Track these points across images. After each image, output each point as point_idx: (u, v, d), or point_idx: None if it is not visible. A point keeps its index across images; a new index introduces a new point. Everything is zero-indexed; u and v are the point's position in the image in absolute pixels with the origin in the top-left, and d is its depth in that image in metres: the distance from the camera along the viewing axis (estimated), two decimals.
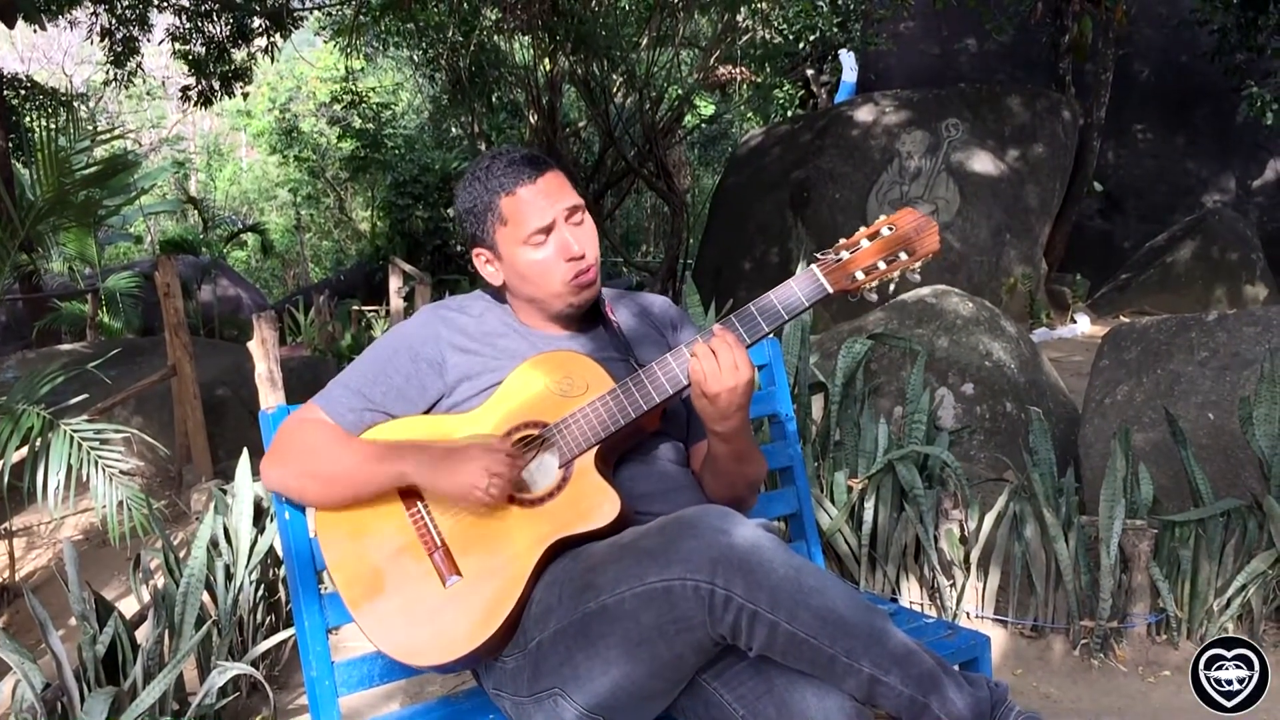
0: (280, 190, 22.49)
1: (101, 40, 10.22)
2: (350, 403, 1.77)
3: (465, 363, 1.79)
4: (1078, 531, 2.97)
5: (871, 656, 1.36)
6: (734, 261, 9.70)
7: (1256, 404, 3.00)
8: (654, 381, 1.67)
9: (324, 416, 1.77)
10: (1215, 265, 8.77)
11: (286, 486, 1.76)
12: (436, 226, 15.26)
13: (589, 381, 1.73)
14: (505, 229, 1.77)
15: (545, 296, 1.81)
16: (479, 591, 1.61)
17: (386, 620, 1.63)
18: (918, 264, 1.63)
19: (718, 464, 1.76)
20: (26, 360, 6.08)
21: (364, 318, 12.13)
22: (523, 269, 1.78)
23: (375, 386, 1.78)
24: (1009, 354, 4.11)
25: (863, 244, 1.64)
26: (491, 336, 1.83)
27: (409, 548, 1.66)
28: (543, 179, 1.77)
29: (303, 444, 1.75)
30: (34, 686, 2.32)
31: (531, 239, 1.76)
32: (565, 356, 1.77)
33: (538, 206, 1.75)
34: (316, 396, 1.80)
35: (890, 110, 9.21)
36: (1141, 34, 11.10)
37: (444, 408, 1.80)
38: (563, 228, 1.77)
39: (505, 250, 1.79)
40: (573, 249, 1.76)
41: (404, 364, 1.79)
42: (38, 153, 4.18)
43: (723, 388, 1.57)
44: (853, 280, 1.62)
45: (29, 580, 4.48)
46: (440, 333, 1.82)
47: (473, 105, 11.86)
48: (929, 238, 1.63)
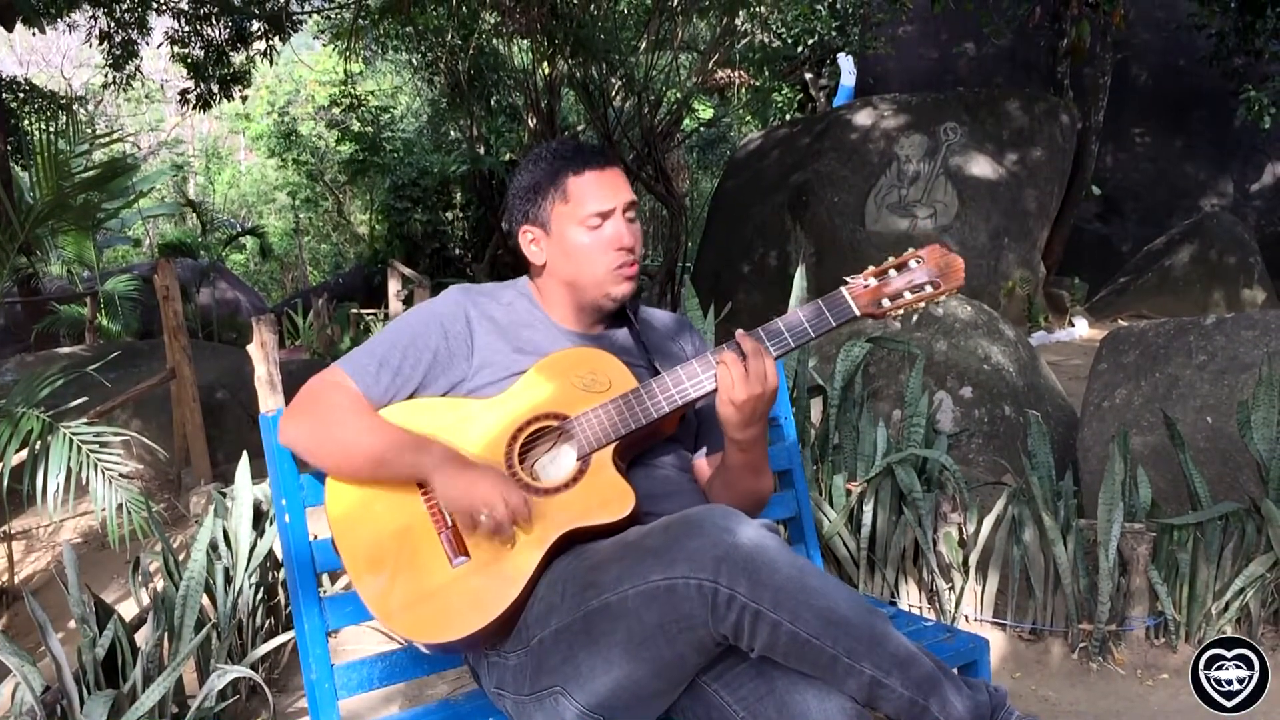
0: (279, 193, 22.45)
1: (100, 43, 10.21)
2: (377, 373, 1.77)
3: (490, 348, 1.80)
4: (1076, 535, 2.97)
5: (873, 658, 1.37)
6: (732, 264, 9.71)
7: (1254, 407, 3.01)
8: (678, 385, 1.70)
9: (350, 383, 1.76)
10: (1213, 268, 8.78)
11: (303, 445, 1.74)
12: (435, 230, 15.25)
13: (612, 379, 1.75)
14: (564, 206, 1.81)
15: (585, 282, 1.83)
16: (485, 575, 1.60)
17: (388, 592, 1.62)
18: (942, 298, 1.70)
19: (731, 474, 1.78)
20: (25, 363, 6.07)
21: (363, 321, 12.12)
22: (571, 249, 1.82)
23: (405, 359, 1.78)
24: (1007, 357, 4.11)
25: (891, 274, 1.70)
26: (518, 327, 1.85)
27: (419, 524, 1.66)
28: (611, 170, 1.83)
29: (329, 408, 1.73)
30: (33, 689, 2.32)
31: (588, 220, 1.80)
32: (590, 353, 1.80)
33: (603, 192, 1.80)
34: (341, 361, 1.80)
35: (889, 114, 9.23)
36: (1139, 38, 11.13)
37: (462, 391, 1.80)
38: (620, 219, 1.82)
39: (558, 228, 1.82)
40: (625, 240, 1.81)
41: (434, 340, 1.80)
42: (36, 156, 4.18)
43: (750, 395, 1.61)
44: (879, 306, 1.68)
45: (28, 583, 4.48)
46: (470, 314, 1.83)
47: (471, 109, 11.86)
48: (955, 274, 1.69)
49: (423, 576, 1.62)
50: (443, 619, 1.59)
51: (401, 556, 1.64)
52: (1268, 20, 8.73)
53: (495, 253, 13.58)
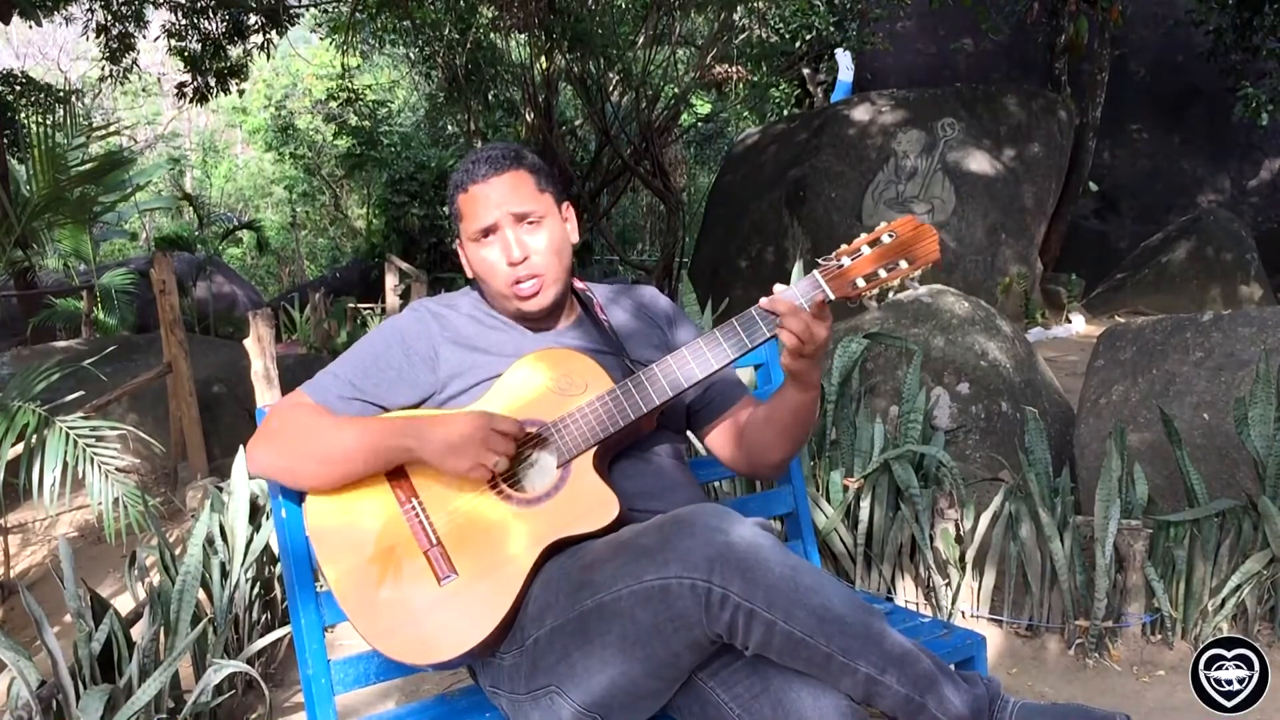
0: (276, 187, 22.43)
1: (97, 36, 10.19)
2: (340, 391, 1.76)
3: (456, 358, 1.79)
4: (1073, 531, 2.98)
5: (868, 656, 1.37)
6: (730, 259, 9.70)
7: (1251, 404, 3.01)
8: (654, 383, 1.68)
9: (312, 403, 1.76)
10: (1210, 265, 8.78)
11: (276, 468, 1.73)
12: (432, 224, 15.22)
13: (588, 381, 1.73)
14: (461, 224, 1.82)
15: (495, 298, 1.84)
16: (476, 590, 1.60)
17: (381, 618, 1.61)
18: (917, 272, 1.64)
19: (801, 414, 1.76)
20: (21, 357, 6.07)
21: (360, 315, 12.10)
22: (474, 264, 1.83)
23: (367, 378, 1.78)
24: (1004, 353, 4.11)
25: (863, 250, 1.64)
26: (482, 332, 1.84)
27: (403, 545, 1.65)
28: (498, 179, 1.78)
29: (296, 426, 1.72)
30: (29, 684, 2.31)
31: (476, 237, 1.79)
32: (564, 354, 1.77)
33: (485, 207, 1.78)
34: (304, 385, 1.79)
35: (886, 109, 9.22)
36: (1137, 34, 11.12)
37: (434, 403, 1.80)
38: (507, 231, 1.77)
39: (464, 244, 1.84)
40: (512, 254, 1.76)
41: (396, 357, 1.79)
42: (33, 149, 4.19)
43: (818, 341, 1.60)
44: (853, 287, 1.63)
45: (24, 577, 4.47)
46: (432, 328, 1.82)
47: (469, 103, 11.84)
48: (929, 245, 1.64)
49: (412, 599, 1.61)
50: (435, 639, 1.58)
51: (388, 580, 1.63)
52: (1265, 17, 8.72)
53: None
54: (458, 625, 1.58)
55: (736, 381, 1.97)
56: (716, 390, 1.92)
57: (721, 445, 1.92)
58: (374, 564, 1.65)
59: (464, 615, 1.59)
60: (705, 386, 1.86)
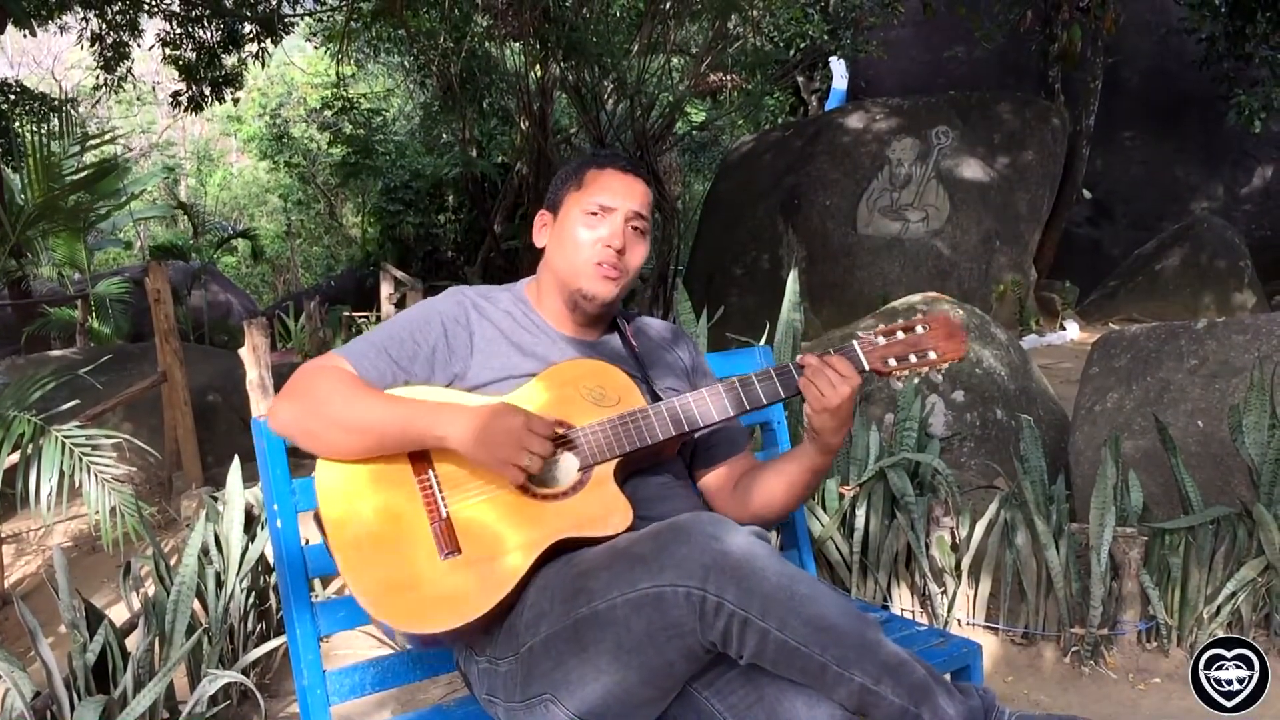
0: (271, 196, 22.41)
1: (92, 45, 10.19)
2: (375, 360, 1.76)
3: (491, 347, 1.82)
4: (1068, 539, 2.98)
5: (863, 666, 1.37)
6: (725, 267, 9.71)
7: (1246, 412, 3.02)
8: (686, 410, 1.74)
9: (346, 365, 1.75)
10: (1203, 272, 8.80)
11: (299, 429, 1.69)
12: (427, 233, 15.22)
13: (621, 395, 1.77)
14: (576, 192, 1.87)
15: (567, 270, 1.85)
16: (474, 573, 1.59)
17: (373, 576, 1.59)
18: (943, 367, 1.79)
19: (812, 478, 1.82)
20: (16, 366, 6.06)
21: (355, 324, 12.10)
22: (565, 232, 1.86)
23: (403, 350, 1.78)
24: (999, 361, 4.12)
25: (899, 335, 1.77)
26: (516, 329, 1.86)
27: (412, 512, 1.64)
28: (635, 179, 1.88)
29: (326, 389, 1.70)
30: (23, 695, 2.31)
31: (589, 208, 1.84)
32: (601, 367, 1.81)
33: (615, 191, 1.85)
34: (339, 349, 1.79)
35: (881, 117, 9.24)
36: (1130, 42, 11.14)
37: (462, 386, 1.80)
38: (620, 220, 1.84)
39: (564, 210, 1.88)
40: (618, 241, 1.83)
41: (434, 333, 1.81)
42: (28, 158, 4.19)
43: (841, 398, 1.67)
44: (885, 365, 1.77)
45: (18, 588, 4.46)
46: (470, 313, 1.85)
47: (464, 112, 11.84)
48: (957, 346, 1.78)
49: (409, 564, 1.60)
50: (423, 610, 1.56)
51: (389, 540, 1.61)
52: (1258, 25, 8.76)
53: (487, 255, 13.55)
54: (449, 602, 1.56)
55: (743, 431, 2.02)
56: (723, 436, 1.95)
57: (716, 491, 1.94)
58: (378, 522, 1.63)
59: (458, 594, 1.57)
60: (714, 430, 1.88)
